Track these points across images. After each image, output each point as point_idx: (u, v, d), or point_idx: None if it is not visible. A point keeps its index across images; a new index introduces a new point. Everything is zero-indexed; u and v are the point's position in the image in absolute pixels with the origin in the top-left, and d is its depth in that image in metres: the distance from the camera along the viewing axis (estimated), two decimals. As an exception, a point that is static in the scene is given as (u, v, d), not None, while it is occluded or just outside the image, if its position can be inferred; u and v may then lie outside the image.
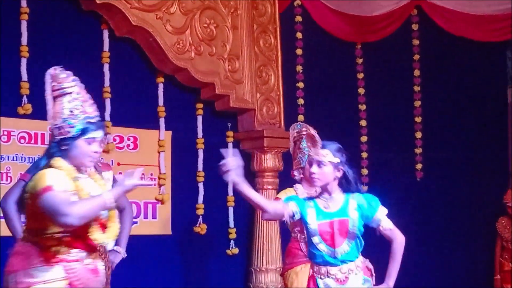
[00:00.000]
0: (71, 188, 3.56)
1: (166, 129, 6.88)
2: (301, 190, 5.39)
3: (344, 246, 4.24)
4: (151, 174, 6.77)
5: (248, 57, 7.15)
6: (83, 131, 3.64)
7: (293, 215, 4.27)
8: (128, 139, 6.72)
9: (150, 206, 6.77)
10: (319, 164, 4.26)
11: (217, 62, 6.95)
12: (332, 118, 7.75)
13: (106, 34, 6.60)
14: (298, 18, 7.78)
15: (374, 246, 4.46)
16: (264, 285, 7.08)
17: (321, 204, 4.31)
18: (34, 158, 5.84)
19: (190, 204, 6.98)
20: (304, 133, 5.42)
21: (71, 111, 3.65)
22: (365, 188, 8.03)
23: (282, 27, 7.42)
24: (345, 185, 4.33)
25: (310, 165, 4.31)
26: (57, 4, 6.41)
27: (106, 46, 6.59)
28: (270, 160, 7.15)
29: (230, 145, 7.19)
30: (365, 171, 8.08)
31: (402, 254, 4.45)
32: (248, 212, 7.28)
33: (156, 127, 6.84)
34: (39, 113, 5.98)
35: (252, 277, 7.13)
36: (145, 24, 6.50)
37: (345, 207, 4.29)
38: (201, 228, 6.95)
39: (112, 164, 6.53)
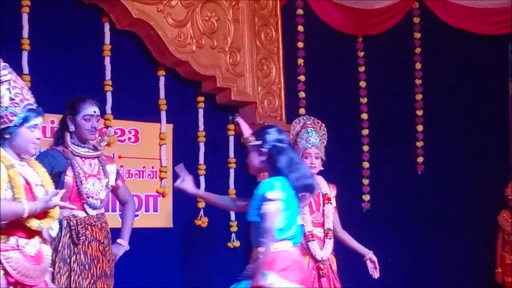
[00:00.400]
0: (3, 177, 3.53)
1: (167, 122, 6.87)
2: None
3: None
4: (152, 167, 6.78)
5: (249, 50, 7.14)
6: (25, 119, 3.66)
7: None
8: (130, 132, 6.71)
9: (151, 199, 6.77)
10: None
11: (218, 55, 6.94)
12: (333, 111, 7.74)
13: (107, 27, 6.58)
14: (300, 11, 7.77)
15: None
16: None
17: None
18: (35, 151, 5.83)
19: (191, 197, 6.96)
20: (309, 125, 5.50)
21: (12, 99, 3.66)
22: (366, 181, 8.06)
23: (283, 20, 7.40)
24: (270, 169, 4.27)
25: None
26: (58, -4, 6.41)
27: (107, 39, 6.58)
28: (271, 153, 7.13)
29: (231, 138, 7.20)
30: (366, 164, 8.08)
31: None
32: (249, 205, 7.28)
33: (157, 120, 6.83)
34: (41, 106, 5.99)
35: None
36: (146, 17, 6.49)
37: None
38: (202, 221, 6.95)
39: (113, 157, 6.53)
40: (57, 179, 4.53)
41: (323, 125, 5.86)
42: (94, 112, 4.89)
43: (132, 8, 6.41)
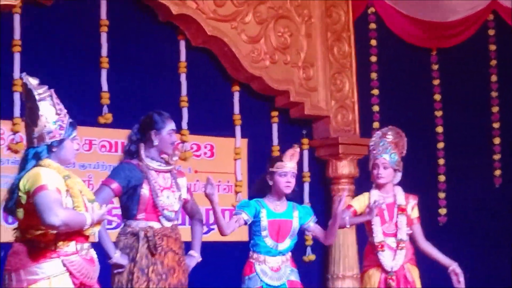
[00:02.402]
0: (63, 187, 3.70)
1: (242, 136, 6.97)
2: (375, 194, 5.46)
3: (286, 242, 5.00)
4: (228, 182, 6.88)
5: (323, 64, 7.20)
6: (69, 132, 3.82)
7: (246, 223, 4.99)
8: (205, 147, 6.83)
9: (227, 213, 6.84)
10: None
11: (292, 70, 7.02)
12: (408, 125, 7.60)
13: (182, 44, 6.74)
14: (372, 25, 7.79)
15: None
16: (341, 292, 7.09)
17: (271, 206, 4.99)
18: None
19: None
20: (388, 135, 5.56)
21: (58, 114, 3.81)
22: (443, 195, 7.99)
23: (356, 34, 7.45)
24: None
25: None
26: (135, 16, 6.59)
27: (182, 56, 6.74)
28: (345, 167, 7.17)
29: (306, 152, 7.24)
30: (442, 178, 8.02)
31: None
32: (324, 219, 7.26)
33: (232, 135, 6.94)
34: (119, 122, 6.19)
35: (329, 283, 7.14)
36: (220, 34, 6.62)
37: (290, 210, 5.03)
38: (278, 234, 6.99)
39: (190, 172, 6.66)
40: (133, 192, 4.66)
41: (403, 134, 5.84)
42: (175, 127, 5.02)
43: (207, 25, 6.55)
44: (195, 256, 5.09)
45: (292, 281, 5.05)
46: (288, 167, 4.97)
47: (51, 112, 3.80)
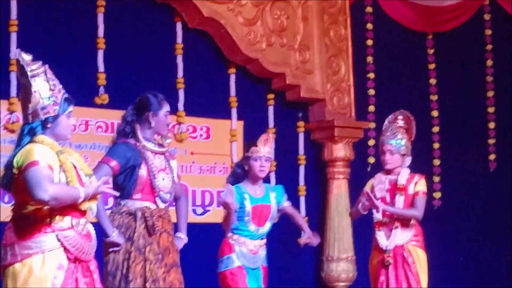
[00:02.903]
0: (56, 162, 3.70)
1: (238, 119, 6.98)
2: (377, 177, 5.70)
3: (266, 225, 5.17)
4: (224, 164, 6.89)
5: (319, 47, 7.20)
6: (64, 107, 3.81)
7: (236, 211, 5.07)
8: (201, 129, 6.84)
9: (223, 194, 6.87)
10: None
11: (288, 53, 7.02)
12: (403, 109, 7.70)
13: (179, 26, 6.73)
14: (369, 9, 7.79)
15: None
16: (336, 274, 7.11)
17: (251, 192, 5.14)
18: (110, 147, 6.00)
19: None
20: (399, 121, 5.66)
21: (52, 89, 3.80)
22: (437, 178, 8.01)
23: (352, 18, 7.45)
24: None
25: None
26: (132, -3, 6.58)
27: (179, 38, 6.73)
28: (341, 150, 7.18)
29: (301, 135, 7.26)
30: (437, 162, 8.05)
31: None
32: (319, 202, 7.34)
33: (228, 117, 6.96)
34: (116, 103, 6.18)
35: (324, 266, 7.17)
36: (217, 16, 6.61)
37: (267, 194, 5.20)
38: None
39: (185, 153, 6.68)
40: (131, 172, 4.67)
41: (413, 119, 5.90)
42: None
43: (203, 7, 6.55)
44: (183, 238, 5.14)
45: (265, 266, 5.24)
46: (262, 152, 5.17)
47: (44, 88, 3.79)
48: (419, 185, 5.60)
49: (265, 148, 5.22)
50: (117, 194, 3.88)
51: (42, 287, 3.62)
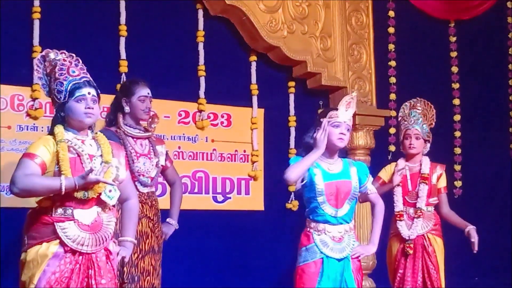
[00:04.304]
0: (47, 156, 3.74)
1: (259, 106, 6.98)
2: (401, 163, 5.70)
3: (345, 207, 4.40)
4: (244, 151, 6.90)
5: (340, 35, 7.18)
6: (70, 93, 3.83)
7: (302, 180, 4.40)
8: (222, 117, 6.85)
9: (243, 182, 6.90)
10: None
11: (309, 41, 7.00)
12: (424, 97, 7.58)
13: (200, 13, 6.73)
14: (391, -4, 7.76)
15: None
16: (356, 262, 7.10)
17: (324, 167, 4.44)
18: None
19: (282, 180, 7.03)
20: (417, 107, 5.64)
21: (57, 79, 3.88)
22: (458, 167, 7.99)
23: (374, 5, 7.41)
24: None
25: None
26: (153, -16, 6.58)
27: (200, 25, 6.73)
28: (361, 138, 7.17)
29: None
30: (458, 150, 8.02)
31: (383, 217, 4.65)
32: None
33: (249, 104, 6.95)
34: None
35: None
36: (239, 3, 6.60)
37: (346, 169, 4.49)
38: (293, 204, 7.04)
39: (206, 141, 6.70)
40: None
41: (432, 106, 5.88)
42: (148, 93, 5.10)
43: (225, -6, 6.54)
44: (172, 224, 5.19)
45: (355, 261, 4.44)
46: (343, 117, 4.41)
47: (52, 81, 3.90)
48: (443, 180, 5.61)
49: (347, 113, 4.41)
50: (114, 184, 3.90)
51: (32, 274, 3.69)
